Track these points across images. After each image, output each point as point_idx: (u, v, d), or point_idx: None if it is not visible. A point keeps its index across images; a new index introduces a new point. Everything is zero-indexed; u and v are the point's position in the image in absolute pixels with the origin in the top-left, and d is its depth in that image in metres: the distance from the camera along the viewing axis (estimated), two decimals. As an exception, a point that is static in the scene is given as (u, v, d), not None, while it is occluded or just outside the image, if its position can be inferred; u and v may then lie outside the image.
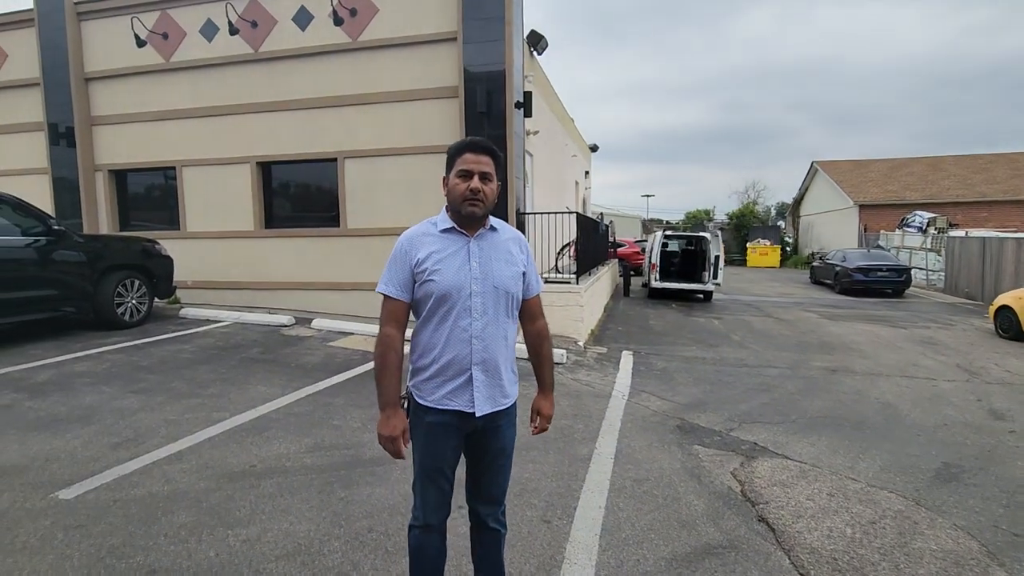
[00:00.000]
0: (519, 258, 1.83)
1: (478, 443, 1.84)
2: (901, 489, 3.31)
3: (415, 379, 1.80)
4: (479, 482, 1.90)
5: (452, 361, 1.72)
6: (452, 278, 1.70)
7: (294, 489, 3.04)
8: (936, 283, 16.93)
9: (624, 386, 5.55)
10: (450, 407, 1.74)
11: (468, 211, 1.72)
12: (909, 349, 7.98)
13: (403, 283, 1.75)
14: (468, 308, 1.71)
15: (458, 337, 1.71)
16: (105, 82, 9.17)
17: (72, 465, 3.25)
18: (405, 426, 1.78)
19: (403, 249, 1.77)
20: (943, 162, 26.65)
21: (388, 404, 1.75)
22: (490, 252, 1.77)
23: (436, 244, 1.75)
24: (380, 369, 1.75)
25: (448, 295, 1.70)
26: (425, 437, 1.79)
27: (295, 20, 8.20)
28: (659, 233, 14.17)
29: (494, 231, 1.82)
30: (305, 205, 9.06)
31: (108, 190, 9.42)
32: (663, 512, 2.95)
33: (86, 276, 6.55)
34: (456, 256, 1.73)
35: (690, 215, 51.03)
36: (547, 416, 1.97)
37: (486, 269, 1.74)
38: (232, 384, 4.95)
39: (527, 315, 1.92)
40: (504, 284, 1.76)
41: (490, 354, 1.74)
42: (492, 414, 1.78)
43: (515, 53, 7.40)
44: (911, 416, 4.87)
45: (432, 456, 1.80)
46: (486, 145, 1.77)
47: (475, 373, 1.73)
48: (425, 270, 1.71)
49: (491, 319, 1.74)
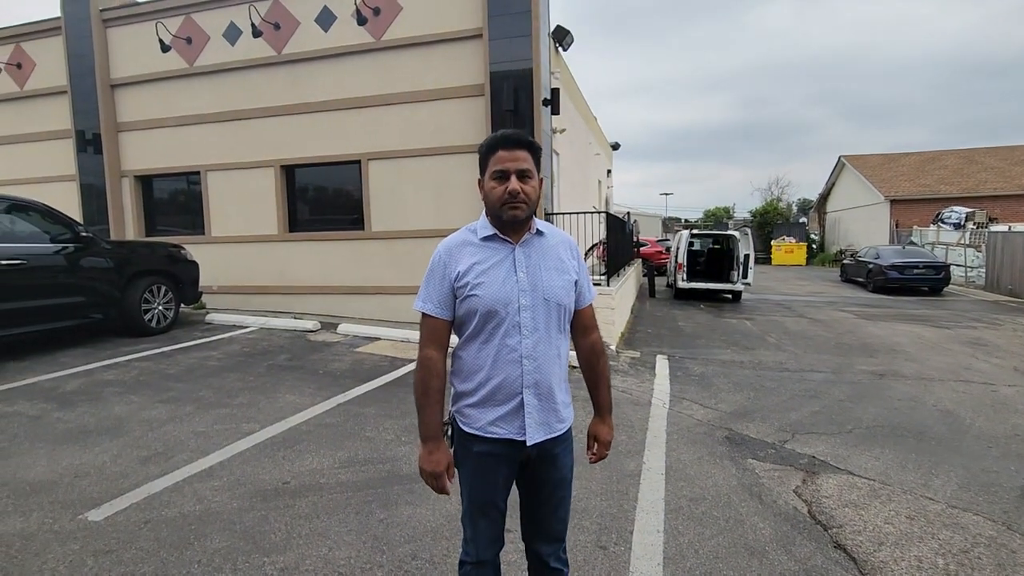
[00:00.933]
0: (570, 264, 1.64)
1: (533, 475, 1.64)
2: (987, 511, 3.02)
3: (459, 404, 1.62)
4: (537, 518, 1.70)
5: (501, 385, 1.54)
6: (497, 292, 1.52)
7: (331, 509, 2.88)
8: (975, 280, 16.28)
9: (663, 393, 5.30)
10: (500, 435, 1.55)
11: (510, 216, 1.53)
12: (958, 351, 7.57)
13: (443, 299, 1.57)
14: (517, 324, 1.53)
15: (506, 358, 1.53)
16: (130, 88, 9.20)
17: (101, 482, 3.13)
18: (450, 460, 1.60)
19: (441, 262, 1.58)
20: (978, 154, 25.72)
21: (430, 436, 1.57)
22: (538, 260, 1.58)
23: (477, 254, 1.56)
24: (421, 396, 1.56)
25: (494, 311, 1.52)
26: (473, 469, 1.61)
27: (318, 21, 8.11)
28: (685, 232, 13.82)
29: (541, 235, 1.62)
30: (329, 208, 8.97)
31: (134, 196, 9.45)
32: (728, 537, 2.71)
33: (113, 282, 6.52)
34: (500, 267, 1.55)
35: (709, 213, 50.28)
36: (606, 442, 1.76)
37: (535, 280, 1.56)
38: (260, 393, 4.82)
39: (579, 327, 1.72)
40: (556, 295, 1.57)
41: (543, 375, 1.55)
42: (548, 443, 1.59)
43: (542, 49, 7.19)
44: (976, 425, 4.54)
45: (482, 489, 1.61)
46: (520, 138, 1.55)
47: (527, 397, 1.54)
48: (467, 284, 1.53)
49: (542, 336, 1.55)
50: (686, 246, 13.12)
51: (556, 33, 8.52)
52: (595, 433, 1.76)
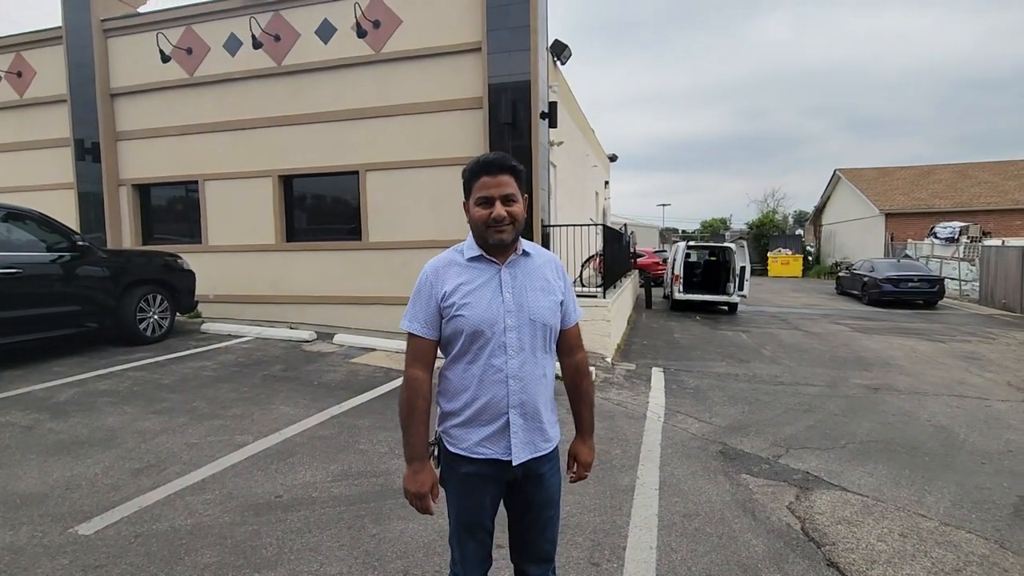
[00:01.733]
0: (556, 285, 1.64)
1: (520, 496, 1.64)
2: (980, 529, 3.02)
3: (445, 424, 1.62)
4: (525, 539, 1.69)
5: (487, 405, 1.54)
6: (483, 312, 1.53)
7: (323, 524, 2.86)
8: (969, 294, 16.37)
9: (658, 406, 5.31)
10: (486, 456, 1.56)
11: (496, 239, 1.55)
12: (952, 365, 7.60)
13: (429, 319, 1.58)
14: (503, 344, 1.53)
15: (492, 378, 1.54)
16: (130, 98, 9.24)
17: (92, 494, 3.11)
18: (434, 480, 1.60)
19: (428, 281, 1.59)
20: (972, 168, 25.97)
21: (416, 456, 1.57)
22: (524, 281, 1.59)
23: (464, 275, 1.57)
24: (407, 417, 1.57)
25: (480, 331, 1.52)
26: (460, 489, 1.61)
27: (318, 33, 8.18)
28: (682, 244, 13.89)
29: (527, 256, 1.63)
30: (327, 218, 8.99)
31: (132, 204, 9.46)
32: (721, 554, 2.71)
33: (109, 291, 6.51)
34: (487, 287, 1.56)
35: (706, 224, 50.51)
36: (586, 463, 1.76)
37: (520, 300, 1.56)
38: (255, 404, 4.81)
39: (564, 347, 1.71)
40: (541, 316, 1.58)
41: (528, 395, 1.56)
42: (533, 462, 1.60)
43: (540, 63, 7.27)
44: (970, 441, 4.55)
45: (468, 510, 1.61)
46: (503, 162, 1.57)
47: (512, 417, 1.54)
48: (453, 304, 1.54)
49: (528, 356, 1.56)
50: (683, 258, 13.18)
51: (554, 47, 8.61)
52: (575, 453, 1.76)
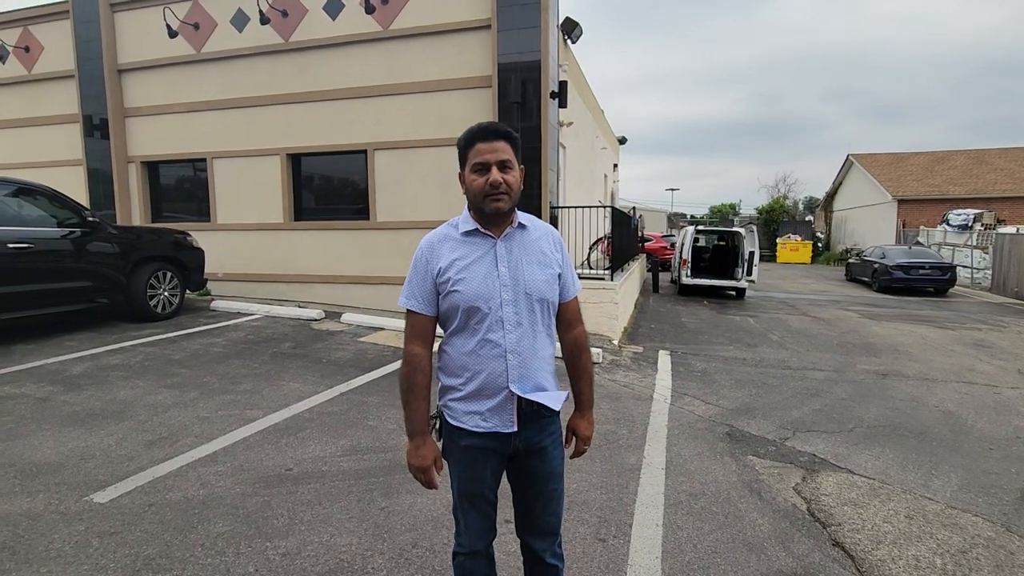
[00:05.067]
0: (553, 258, 1.62)
1: (523, 469, 1.65)
2: (986, 512, 3.02)
3: (445, 398, 1.63)
4: (531, 514, 1.70)
5: (486, 380, 1.54)
6: (478, 287, 1.52)
7: (333, 496, 2.90)
8: (981, 282, 16.18)
9: (665, 388, 5.31)
10: (486, 429, 1.56)
11: (492, 208, 1.52)
12: (961, 352, 7.55)
13: (426, 295, 1.57)
14: (500, 319, 1.52)
15: (490, 353, 1.53)
16: (137, 74, 9.19)
17: (107, 464, 3.17)
18: (437, 454, 1.62)
19: (423, 257, 1.58)
20: (988, 155, 25.47)
21: (416, 431, 1.58)
22: (520, 254, 1.57)
23: (459, 249, 1.56)
24: (407, 392, 1.58)
25: (476, 307, 1.52)
26: (462, 462, 1.62)
27: (326, 9, 8.07)
28: (690, 228, 13.78)
29: (523, 229, 1.61)
30: (335, 197, 8.97)
31: (140, 182, 9.47)
32: (726, 532, 2.73)
33: (120, 268, 6.55)
34: (482, 262, 1.55)
35: (715, 209, 50.06)
36: (585, 437, 1.75)
37: (516, 274, 1.55)
38: (265, 380, 4.86)
39: (563, 321, 1.70)
40: (538, 290, 1.56)
41: (528, 369, 1.55)
42: (535, 434, 1.60)
43: (551, 41, 7.15)
44: (978, 427, 4.53)
45: (471, 481, 1.62)
46: (498, 128, 1.54)
47: (514, 390, 1.54)
48: (448, 280, 1.53)
49: (526, 330, 1.55)
50: (691, 242, 13.09)
51: (565, 25, 8.45)
52: (574, 428, 1.74)
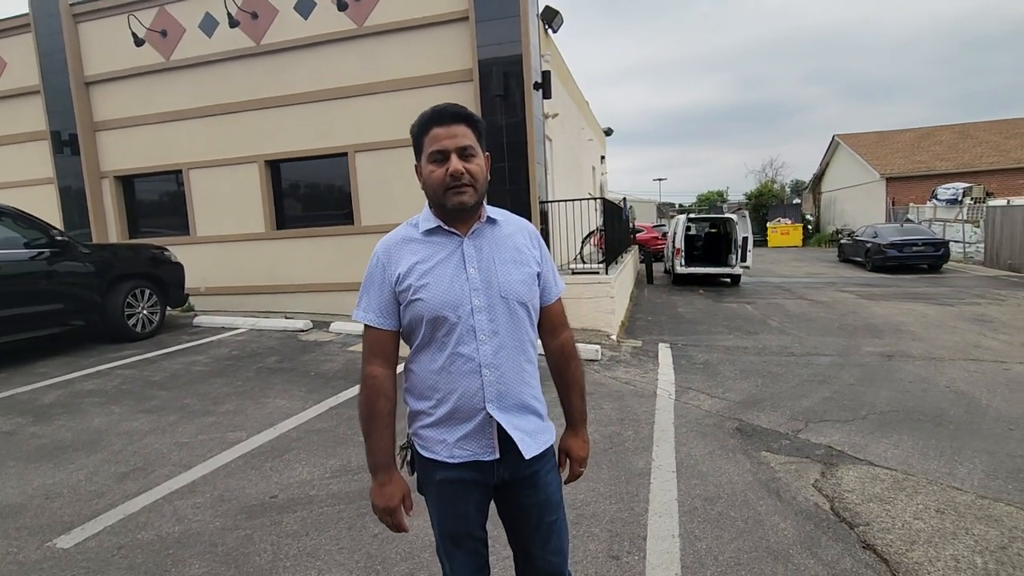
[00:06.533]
0: (530, 255, 1.40)
1: (512, 501, 1.41)
2: (1019, 500, 2.85)
3: (415, 425, 1.39)
4: (528, 554, 1.45)
5: (460, 401, 1.31)
6: (445, 294, 1.30)
7: (321, 525, 2.68)
8: (974, 256, 16.17)
9: (668, 383, 5.12)
10: (465, 458, 1.33)
11: (455, 202, 1.29)
12: (964, 328, 7.42)
13: (384, 307, 1.34)
14: (471, 329, 1.30)
15: (462, 368, 1.30)
16: (106, 85, 8.87)
17: (74, 503, 2.92)
18: (406, 491, 1.38)
19: (379, 264, 1.36)
20: (973, 129, 25.54)
21: (380, 466, 1.35)
22: (491, 253, 1.35)
23: (420, 252, 1.33)
24: (367, 421, 1.35)
25: (443, 316, 1.29)
26: (440, 498, 1.38)
27: (297, 9, 7.80)
28: (682, 217, 13.62)
29: (493, 223, 1.39)
30: (318, 203, 8.71)
31: (115, 197, 9.16)
32: (748, 540, 2.53)
33: (94, 287, 6.27)
34: (447, 264, 1.32)
35: (703, 197, 50.05)
36: (580, 459, 1.51)
37: (488, 276, 1.32)
38: (248, 398, 4.61)
39: (547, 327, 1.48)
40: (515, 292, 1.34)
41: (507, 385, 1.32)
42: (521, 461, 1.35)
43: (531, 30, 6.93)
44: (993, 406, 4.37)
45: (453, 519, 1.38)
46: (456, 111, 1.32)
47: (492, 412, 1.31)
48: (409, 287, 1.31)
49: (504, 340, 1.32)
50: (683, 231, 12.92)
51: (545, 14, 8.23)
52: (568, 448, 1.51)
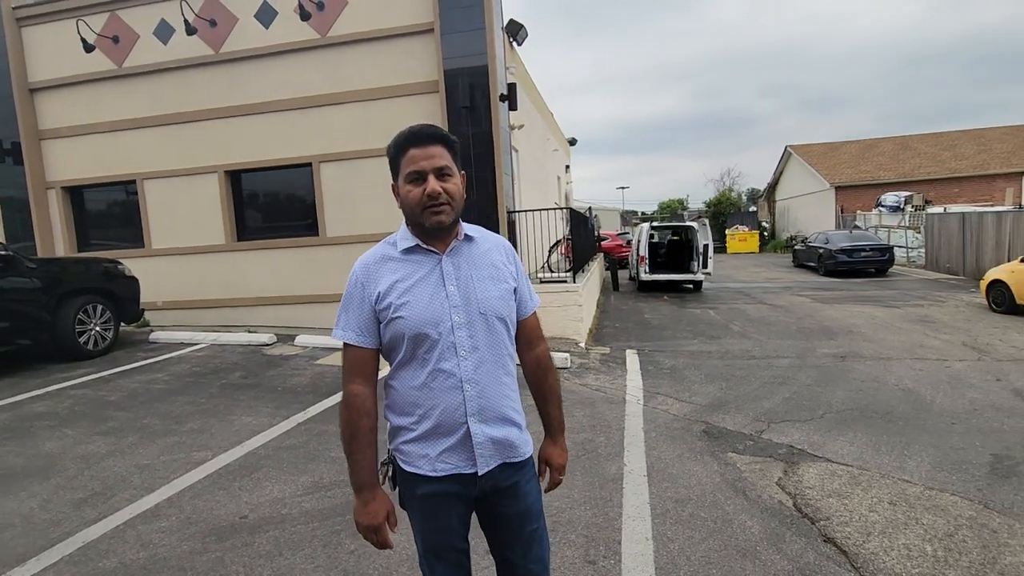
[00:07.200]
0: (507, 271, 1.45)
1: (494, 512, 1.44)
2: (962, 490, 3.05)
3: (396, 440, 1.41)
4: (509, 563, 1.47)
5: (441, 416, 1.34)
6: (425, 311, 1.33)
7: (295, 544, 2.63)
8: (916, 260, 17.13)
9: (636, 388, 5.24)
10: (447, 471, 1.36)
11: (433, 222, 1.34)
12: (909, 329, 7.86)
13: (364, 325, 1.37)
14: (452, 345, 1.33)
15: (444, 384, 1.34)
16: (53, 92, 8.49)
17: (28, 532, 2.77)
18: (390, 508, 1.40)
19: (358, 282, 1.38)
20: (911, 141, 27.15)
21: (364, 484, 1.36)
22: (469, 270, 1.39)
23: (399, 270, 1.37)
24: (349, 440, 1.36)
25: (424, 334, 1.32)
26: (422, 512, 1.40)
27: (257, 17, 7.68)
28: (646, 225, 13.95)
29: (470, 241, 1.43)
30: (281, 214, 8.54)
31: (62, 209, 8.74)
32: (717, 539, 2.62)
33: (42, 304, 5.96)
34: (426, 282, 1.36)
35: (664, 205, 51.35)
36: (559, 467, 1.56)
37: (467, 293, 1.37)
38: (213, 416, 4.47)
39: (522, 340, 1.52)
40: (493, 308, 1.38)
41: (488, 400, 1.36)
42: (501, 472, 1.39)
43: (496, 42, 7.03)
44: (937, 402, 4.66)
45: (435, 533, 1.40)
46: (432, 132, 1.36)
47: (472, 426, 1.35)
48: (389, 306, 1.34)
49: (484, 355, 1.36)
50: (647, 239, 13.23)
51: (509, 27, 8.36)
52: (547, 457, 1.56)
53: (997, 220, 13.07)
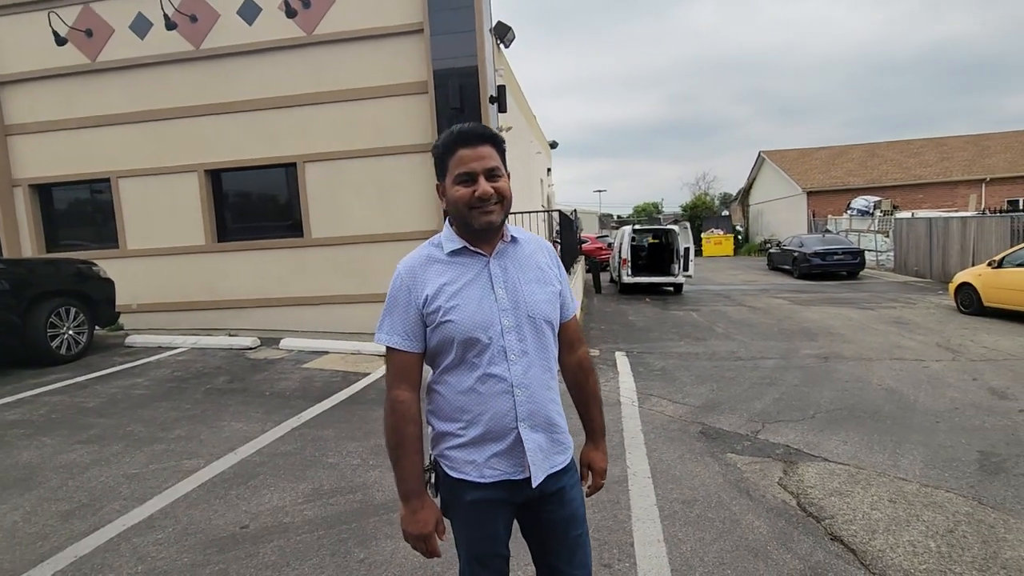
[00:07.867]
0: (551, 273, 1.43)
1: (540, 518, 1.42)
2: (956, 487, 3.14)
3: (442, 446, 1.38)
4: (555, 568, 1.45)
5: (491, 422, 1.31)
6: (475, 315, 1.30)
7: (301, 553, 2.55)
8: (886, 263, 17.70)
9: (630, 390, 5.27)
10: (495, 478, 1.33)
11: (483, 222, 1.31)
12: (885, 330, 8.11)
13: (410, 329, 1.33)
14: (502, 350, 1.31)
15: (493, 389, 1.31)
16: (21, 86, 8.13)
17: (12, 547, 2.63)
18: (438, 516, 1.37)
19: (404, 285, 1.34)
20: (879, 148, 28.07)
21: (412, 493, 1.33)
22: (516, 273, 1.37)
23: (446, 273, 1.33)
24: (396, 448, 1.32)
25: (474, 338, 1.30)
26: (468, 519, 1.37)
27: (240, 14, 7.49)
28: (627, 228, 14.09)
29: (515, 243, 1.40)
30: (264, 214, 8.34)
31: (30, 207, 8.38)
32: (728, 540, 2.64)
33: (10, 307, 5.70)
34: (475, 285, 1.33)
35: (639, 208, 51.93)
36: (601, 470, 1.54)
37: (516, 296, 1.34)
38: (201, 422, 4.33)
39: (564, 343, 1.50)
40: (541, 311, 1.36)
41: (537, 404, 1.34)
42: (550, 477, 1.37)
43: (486, 44, 7.00)
44: (920, 401, 4.81)
45: (483, 541, 1.38)
46: (482, 132, 1.33)
47: (523, 432, 1.32)
48: (438, 309, 1.30)
49: (532, 359, 1.34)
50: (629, 242, 13.36)
51: (497, 29, 8.33)
52: (589, 461, 1.54)
53: (962, 225, 13.60)
